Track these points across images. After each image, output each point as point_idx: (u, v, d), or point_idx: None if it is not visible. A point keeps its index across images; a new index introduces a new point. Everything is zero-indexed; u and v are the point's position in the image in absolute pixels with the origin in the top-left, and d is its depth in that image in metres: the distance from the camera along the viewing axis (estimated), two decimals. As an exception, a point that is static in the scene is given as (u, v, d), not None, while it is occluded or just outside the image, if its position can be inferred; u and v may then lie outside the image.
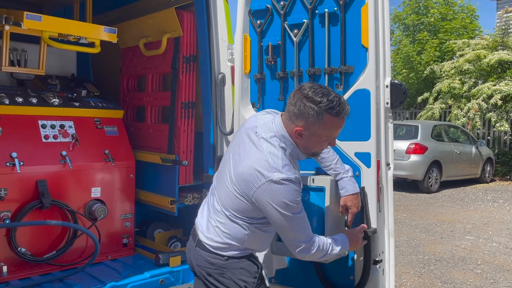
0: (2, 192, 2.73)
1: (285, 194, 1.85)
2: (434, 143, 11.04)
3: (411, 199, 10.01)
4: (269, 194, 1.85)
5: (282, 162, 1.88)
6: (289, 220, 1.88)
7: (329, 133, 1.94)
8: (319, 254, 1.99)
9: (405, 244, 6.35)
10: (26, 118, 3.00)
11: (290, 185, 1.85)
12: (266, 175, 1.85)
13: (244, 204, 1.93)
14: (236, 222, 1.97)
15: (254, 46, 2.74)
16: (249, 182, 1.88)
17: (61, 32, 2.93)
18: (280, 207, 1.85)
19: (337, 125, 1.93)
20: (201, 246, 2.04)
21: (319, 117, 1.86)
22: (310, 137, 1.92)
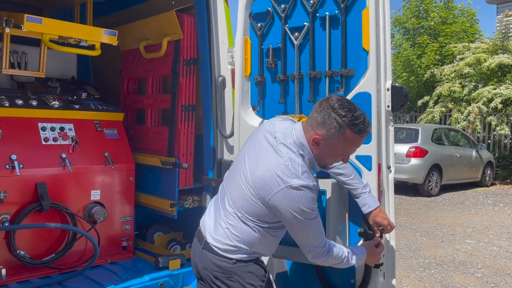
0: (2, 194, 2.72)
1: (303, 201, 1.86)
2: (435, 147, 11.03)
3: (412, 202, 9.99)
4: (287, 200, 1.86)
5: (301, 169, 1.89)
6: (305, 225, 1.90)
7: (346, 148, 1.96)
8: (333, 260, 2.01)
9: (406, 248, 6.33)
10: (26, 121, 3.00)
11: (308, 192, 1.87)
12: (285, 181, 1.86)
13: (259, 207, 1.92)
14: (247, 224, 1.96)
15: (254, 49, 2.73)
16: (268, 186, 1.88)
17: (62, 34, 2.92)
18: (297, 213, 1.86)
19: (356, 142, 1.94)
20: (208, 249, 2.02)
21: (341, 130, 1.88)
22: (326, 147, 1.93)
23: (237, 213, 1.98)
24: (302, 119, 2.55)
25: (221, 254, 1.98)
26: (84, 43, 3.06)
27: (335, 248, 2.01)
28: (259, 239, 1.97)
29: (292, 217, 1.87)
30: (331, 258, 2.00)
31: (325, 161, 2.01)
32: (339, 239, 2.34)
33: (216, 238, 2.01)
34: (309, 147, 1.95)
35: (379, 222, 2.24)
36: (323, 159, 1.99)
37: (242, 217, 1.97)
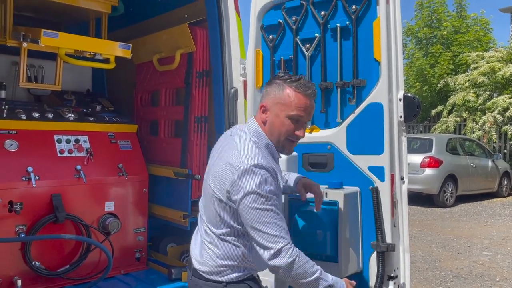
0: (18, 206, 2.76)
1: (256, 181, 1.74)
2: (449, 157, 10.89)
3: (426, 213, 9.85)
4: (240, 183, 1.75)
5: (253, 151, 1.80)
6: (261, 213, 1.73)
7: (290, 109, 1.84)
8: (295, 270, 1.73)
9: (421, 260, 6.23)
10: (42, 133, 3.05)
11: (261, 171, 1.75)
12: (236, 165, 1.77)
13: (224, 211, 1.82)
14: (226, 240, 1.86)
15: (266, 61, 2.76)
16: (222, 178, 1.81)
17: (77, 48, 2.99)
18: (252, 196, 1.73)
19: (298, 100, 1.85)
20: (196, 275, 1.92)
21: (280, 89, 1.87)
22: (273, 115, 1.87)
23: (214, 231, 1.89)
24: (314, 130, 2.56)
25: (209, 278, 1.87)
26: (99, 56, 3.12)
27: (303, 257, 1.76)
28: (243, 251, 1.86)
29: (248, 204, 1.73)
30: (295, 267, 1.72)
31: (277, 135, 1.88)
32: (352, 251, 2.32)
33: (201, 262, 1.91)
34: (263, 131, 1.89)
35: (308, 183, 2.13)
36: (273, 132, 1.88)
37: (219, 234, 1.87)
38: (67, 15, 3.55)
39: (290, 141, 1.91)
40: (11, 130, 2.92)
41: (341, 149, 2.44)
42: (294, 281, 1.78)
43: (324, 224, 2.27)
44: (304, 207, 2.32)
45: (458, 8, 18.89)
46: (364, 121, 2.38)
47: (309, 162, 2.56)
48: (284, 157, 2.48)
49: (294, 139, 1.91)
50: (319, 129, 2.55)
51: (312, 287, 1.76)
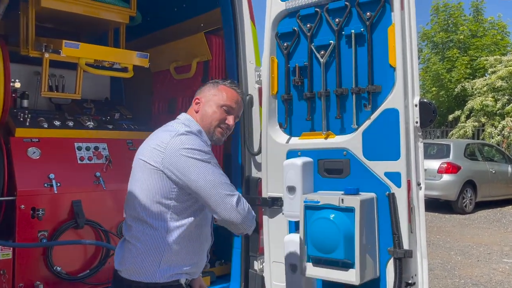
0: (40, 212, 2.83)
1: (193, 142, 1.85)
2: (468, 162, 10.73)
3: (445, 220, 9.70)
4: (178, 146, 1.82)
5: (184, 128, 1.92)
6: (206, 168, 1.81)
7: (223, 99, 2.03)
8: (249, 212, 1.89)
9: (440, 267, 6.14)
10: (63, 141, 3.13)
11: (195, 136, 1.90)
12: (168, 137, 1.85)
13: (159, 182, 1.82)
14: (152, 225, 1.80)
15: (281, 68, 2.78)
16: (153, 150, 1.86)
17: (97, 58, 3.07)
18: (192, 154, 1.81)
19: (229, 93, 2.06)
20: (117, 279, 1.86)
21: (214, 86, 2.09)
22: (206, 103, 2.04)
23: (138, 217, 1.85)
24: (329, 136, 2.57)
25: (127, 279, 1.80)
26: (117, 65, 3.19)
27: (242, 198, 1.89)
28: (171, 239, 1.79)
29: (189, 162, 1.79)
30: (247, 209, 1.86)
31: (209, 122, 2.01)
32: (369, 257, 2.31)
33: (121, 262, 1.85)
34: (194, 119, 2.03)
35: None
36: (205, 119, 2.01)
37: (147, 218, 1.81)
38: (87, 26, 3.64)
39: (220, 129, 2.05)
40: (34, 138, 3.00)
41: (357, 155, 2.44)
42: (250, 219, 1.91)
43: (341, 230, 2.27)
44: (320, 213, 2.33)
45: (474, 12, 18.70)
46: (380, 126, 2.38)
47: (324, 168, 2.57)
48: (300, 164, 2.51)
49: (224, 127, 2.05)
50: (334, 135, 2.56)
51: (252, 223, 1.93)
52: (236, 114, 2.11)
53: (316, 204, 2.35)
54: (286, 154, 2.68)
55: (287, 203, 2.55)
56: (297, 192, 2.49)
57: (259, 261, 2.99)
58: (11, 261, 2.77)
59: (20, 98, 3.32)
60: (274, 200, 2.73)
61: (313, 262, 2.36)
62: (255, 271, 3.00)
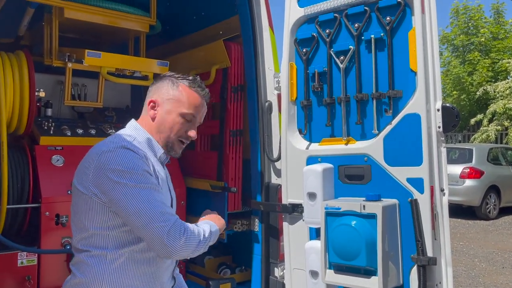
0: (64, 219, 2.88)
1: (122, 161, 1.54)
2: (491, 167, 10.50)
3: (468, 226, 9.50)
4: (103, 165, 1.55)
5: (118, 138, 1.64)
6: (136, 193, 1.51)
7: (185, 106, 1.72)
8: (194, 239, 1.58)
9: (464, 275, 6.01)
10: (86, 149, 3.15)
11: (123, 150, 1.57)
12: (95, 155, 1.59)
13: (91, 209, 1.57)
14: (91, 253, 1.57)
15: (300, 74, 2.78)
16: (83, 172, 1.60)
17: (118, 67, 3.12)
18: (119, 176, 1.52)
19: (194, 97, 1.74)
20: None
21: (174, 85, 1.75)
22: (164, 111, 1.73)
23: (75, 246, 1.63)
24: (350, 142, 2.55)
25: None
26: (138, 74, 3.24)
27: (186, 224, 1.59)
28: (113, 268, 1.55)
29: (114, 186, 1.51)
30: (191, 236, 1.57)
31: (167, 132, 1.72)
32: (392, 265, 2.27)
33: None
34: (143, 127, 1.73)
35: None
36: (163, 129, 1.72)
37: (80, 246, 1.59)
38: (108, 35, 3.71)
39: (181, 142, 1.78)
40: (58, 146, 3.06)
41: (378, 161, 2.41)
42: (190, 250, 1.60)
43: (362, 237, 2.24)
44: (342, 220, 2.31)
45: (495, 14, 18.38)
46: (401, 132, 2.35)
47: (345, 175, 2.55)
48: (320, 170, 2.50)
49: (185, 139, 1.78)
50: (355, 140, 2.54)
51: (203, 248, 1.66)
52: (200, 121, 1.81)
53: (337, 210, 2.33)
54: (306, 160, 2.67)
55: (308, 210, 2.54)
56: (318, 199, 2.48)
57: (280, 268, 2.97)
58: (36, 267, 2.82)
59: (44, 107, 3.40)
60: (294, 207, 2.72)
61: (334, 269, 2.34)
62: (276, 278, 2.98)
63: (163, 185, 1.72)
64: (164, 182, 1.75)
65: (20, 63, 2.89)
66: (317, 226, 2.52)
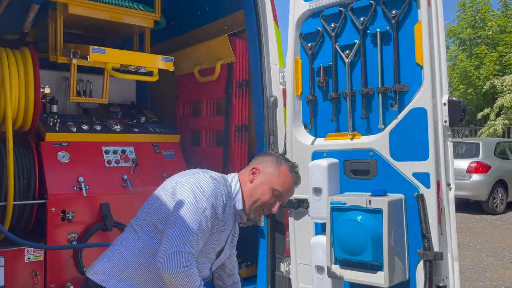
0: (70, 215, 2.89)
1: (208, 186, 1.89)
2: (498, 161, 10.42)
3: (475, 221, 9.45)
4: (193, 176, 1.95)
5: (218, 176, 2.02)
6: (194, 210, 1.80)
7: (279, 184, 2.02)
8: (187, 279, 1.72)
9: (471, 269, 5.98)
10: (91, 145, 3.19)
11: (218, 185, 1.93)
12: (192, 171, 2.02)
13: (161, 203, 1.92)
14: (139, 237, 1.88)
15: (305, 69, 2.76)
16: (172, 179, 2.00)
17: (123, 63, 3.11)
18: (196, 189, 1.85)
19: (289, 179, 2.05)
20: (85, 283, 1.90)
21: (278, 163, 2.07)
22: (262, 179, 2.02)
23: (131, 224, 1.98)
24: (355, 136, 2.54)
25: (87, 275, 1.88)
26: (143, 69, 3.24)
27: (196, 271, 1.77)
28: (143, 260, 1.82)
29: (187, 191, 1.85)
30: (186, 276, 1.72)
31: (256, 196, 2.00)
32: (398, 260, 2.27)
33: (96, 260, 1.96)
34: (243, 186, 2.03)
35: None
36: (254, 193, 2.01)
37: (136, 227, 1.93)
38: (112, 31, 3.71)
39: (261, 211, 2.05)
40: (63, 142, 3.07)
41: (384, 156, 2.40)
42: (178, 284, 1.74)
43: (368, 232, 2.23)
44: (347, 215, 2.30)
45: (503, 7, 18.18)
46: (407, 126, 2.33)
47: (351, 169, 2.54)
48: (325, 165, 2.49)
49: (266, 210, 2.05)
50: (360, 135, 2.53)
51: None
52: (284, 201, 2.11)
53: (343, 205, 2.33)
54: (312, 155, 2.66)
55: (313, 205, 2.54)
56: (323, 194, 2.47)
57: (286, 263, 2.97)
58: (42, 262, 2.84)
59: (49, 103, 3.41)
60: (300, 202, 2.71)
61: (340, 264, 2.34)
62: (282, 273, 2.98)
63: (223, 233, 1.99)
64: (226, 231, 2.01)
65: (25, 59, 2.89)
66: (322, 221, 2.52)
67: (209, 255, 1.99)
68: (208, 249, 1.94)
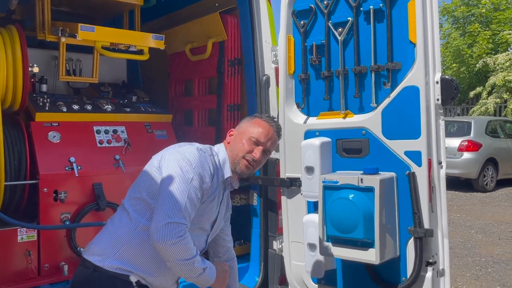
0: (63, 195, 2.89)
1: (193, 156, 1.90)
2: (489, 140, 10.52)
3: (465, 198, 9.59)
4: (178, 149, 1.96)
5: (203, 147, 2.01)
6: (178, 182, 1.81)
7: (254, 131, 2.05)
8: (181, 250, 1.75)
9: (460, 246, 6.10)
10: (82, 125, 3.16)
11: (203, 154, 1.94)
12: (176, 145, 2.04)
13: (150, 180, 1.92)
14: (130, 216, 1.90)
15: (298, 47, 2.74)
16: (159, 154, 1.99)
17: (113, 41, 3.06)
18: (181, 162, 1.86)
19: (264, 125, 2.07)
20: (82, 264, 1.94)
21: (251, 118, 2.14)
22: (237, 135, 2.08)
23: (123, 204, 1.98)
24: (348, 115, 2.54)
25: (83, 256, 1.92)
26: (133, 48, 3.18)
27: (190, 241, 1.79)
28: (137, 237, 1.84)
29: (172, 164, 1.86)
30: (181, 246, 1.74)
31: (236, 152, 2.03)
32: (389, 237, 2.30)
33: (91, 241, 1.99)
34: (224, 149, 2.08)
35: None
36: (234, 149, 2.05)
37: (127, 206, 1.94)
38: (102, 9, 3.63)
39: (245, 161, 2.04)
40: (54, 122, 3.03)
41: (376, 134, 2.41)
42: (173, 258, 1.77)
43: (360, 210, 2.26)
44: (339, 194, 2.32)
45: (497, -16, 18.01)
46: (399, 105, 2.33)
47: (343, 148, 2.55)
48: (318, 144, 2.50)
49: (249, 159, 2.03)
50: (353, 114, 2.53)
51: (187, 268, 1.80)
52: (266, 148, 2.07)
53: (335, 184, 2.34)
54: (304, 135, 2.66)
55: (306, 184, 2.55)
56: (316, 173, 2.49)
57: (278, 241, 3.01)
58: (36, 242, 2.84)
59: (39, 82, 3.35)
60: (292, 181, 2.73)
61: (332, 242, 2.37)
62: (274, 250, 3.02)
63: (213, 201, 1.99)
64: (216, 200, 2.02)
65: (12, 38, 2.82)
66: (315, 200, 2.54)
67: (204, 226, 2.01)
68: (201, 220, 1.96)
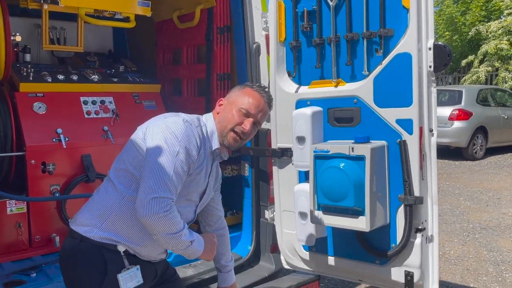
0: (51, 167, 2.85)
1: (178, 128, 1.82)
2: (480, 109, 10.57)
3: (455, 166, 9.71)
4: (163, 120, 1.88)
5: (190, 118, 1.92)
6: (164, 156, 1.76)
7: (244, 102, 1.96)
8: (168, 224, 1.74)
9: (449, 213, 6.21)
10: (68, 95, 3.09)
11: (189, 126, 1.86)
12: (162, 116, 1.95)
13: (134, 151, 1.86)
14: (116, 187, 1.85)
15: (288, 13, 2.66)
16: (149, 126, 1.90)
17: (96, 8, 2.95)
18: (167, 134, 1.80)
19: (254, 95, 1.98)
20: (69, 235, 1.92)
21: (241, 87, 2.05)
22: (228, 104, 1.99)
23: (109, 175, 1.92)
24: (339, 83, 2.50)
25: (70, 227, 1.90)
26: (118, 15, 3.08)
27: (177, 214, 1.78)
28: (124, 209, 1.82)
29: (157, 136, 1.80)
30: (167, 220, 1.73)
31: (225, 123, 1.95)
32: (379, 205, 2.31)
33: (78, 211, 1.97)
34: (213, 119, 1.99)
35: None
36: (222, 120, 1.97)
37: (113, 177, 1.89)
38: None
39: (234, 134, 1.96)
40: (39, 93, 2.97)
41: (367, 103, 2.38)
42: (159, 233, 1.76)
43: (351, 179, 2.26)
44: (330, 163, 2.31)
45: (492, -51, 17.69)
46: (392, 72, 2.30)
47: (335, 117, 2.52)
48: (309, 114, 2.47)
49: (238, 131, 1.96)
50: (345, 82, 2.49)
51: (174, 241, 1.80)
52: (256, 119, 1.99)
53: (326, 153, 2.33)
54: (295, 104, 2.63)
55: (297, 154, 2.54)
56: (307, 142, 2.47)
57: (270, 210, 3.02)
58: (26, 214, 2.83)
59: (22, 52, 3.25)
60: (283, 151, 2.71)
61: (323, 210, 2.38)
62: (266, 220, 3.04)
63: (201, 173, 1.93)
64: (204, 171, 1.96)
65: (-8, 5, 2.72)
66: (306, 170, 2.53)
67: (191, 197, 1.98)
68: (188, 192, 1.94)
